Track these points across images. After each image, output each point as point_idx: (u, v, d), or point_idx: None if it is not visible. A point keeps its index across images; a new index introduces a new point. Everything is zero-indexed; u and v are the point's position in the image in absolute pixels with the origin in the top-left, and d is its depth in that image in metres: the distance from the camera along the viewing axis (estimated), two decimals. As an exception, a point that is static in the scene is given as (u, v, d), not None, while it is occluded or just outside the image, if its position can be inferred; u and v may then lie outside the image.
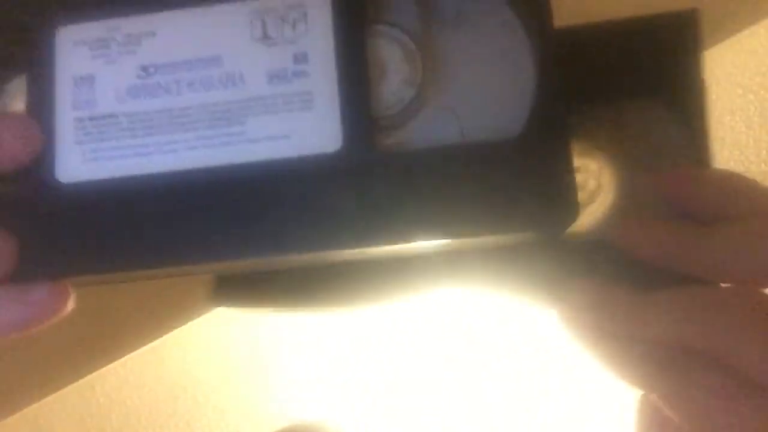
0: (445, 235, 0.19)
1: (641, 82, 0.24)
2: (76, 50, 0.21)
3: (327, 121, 0.20)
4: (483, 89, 0.21)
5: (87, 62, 0.21)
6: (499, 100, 0.21)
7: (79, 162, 0.21)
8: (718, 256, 0.22)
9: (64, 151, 0.21)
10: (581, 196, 0.22)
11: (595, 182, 0.24)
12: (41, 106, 0.21)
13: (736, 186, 0.23)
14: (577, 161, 0.23)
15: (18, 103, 0.22)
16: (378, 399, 0.54)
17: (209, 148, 0.20)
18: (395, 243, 0.19)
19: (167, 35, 0.21)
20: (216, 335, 0.53)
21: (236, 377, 0.55)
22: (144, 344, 0.38)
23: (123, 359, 0.52)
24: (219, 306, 0.30)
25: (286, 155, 0.20)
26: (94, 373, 0.41)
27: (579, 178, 0.23)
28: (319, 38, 0.21)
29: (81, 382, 0.42)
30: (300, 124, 0.20)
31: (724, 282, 0.22)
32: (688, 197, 0.24)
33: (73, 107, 0.21)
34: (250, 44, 0.21)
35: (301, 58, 0.21)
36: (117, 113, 0.21)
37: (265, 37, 0.21)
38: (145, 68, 0.21)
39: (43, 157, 0.21)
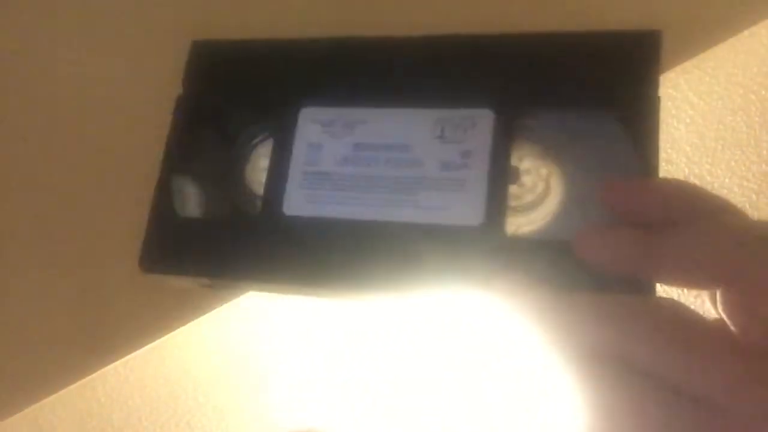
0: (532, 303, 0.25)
1: (598, 94, 0.27)
2: (312, 126, 0.30)
3: (474, 202, 0.27)
4: (587, 202, 0.26)
5: (318, 134, 0.30)
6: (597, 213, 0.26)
7: (301, 202, 0.29)
8: (668, 261, 0.22)
9: (292, 193, 0.29)
10: (529, 197, 0.28)
11: (544, 185, 0.28)
12: (283, 161, 0.30)
13: (679, 192, 0.24)
14: (528, 164, 0.28)
15: (264, 161, 0.31)
16: (378, 399, 0.54)
17: (388, 208, 0.28)
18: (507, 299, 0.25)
19: (375, 124, 0.29)
20: (216, 335, 0.53)
21: (236, 377, 0.55)
22: (144, 344, 0.38)
23: (123, 359, 0.52)
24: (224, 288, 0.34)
25: (440, 222, 0.27)
26: (94, 373, 0.41)
27: (528, 180, 0.28)
28: (480, 142, 0.28)
29: (81, 382, 0.42)
30: (455, 202, 0.27)
31: (678, 286, 0.23)
32: (631, 205, 0.24)
33: (304, 164, 0.30)
34: (431, 140, 0.28)
35: (465, 154, 0.28)
36: (332, 173, 0.29)
37: (442, 136, 0.28)
38: (357, 145, 0.29)
39: (278, 196, 0.30)
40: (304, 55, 0.32)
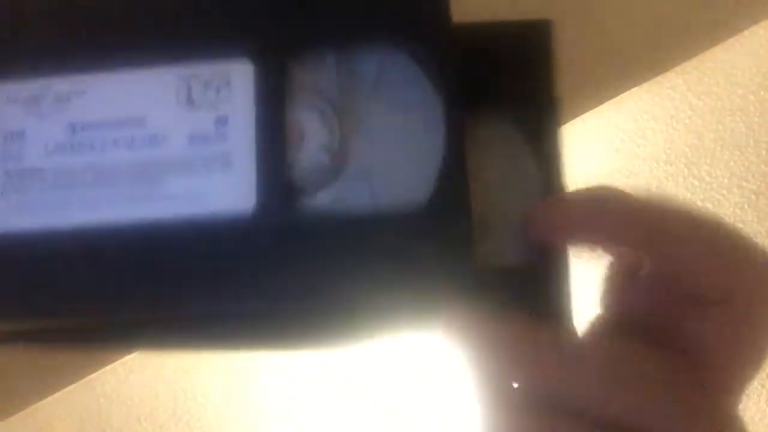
0: (351, 299, 0.21)
1: (486, 93, 0.23)
2: (8, 107, 0.22)
3: (243, 182, 0.21)
4: (397, 158, 0.22)
5: (19, 118, 0.22)
6: (411, 169, 0.22)
7: (6, 213, 0.21)
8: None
9: None
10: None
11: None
12: None
13: (598, 207, 0.22)
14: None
15: None
16: (377, 398, 0.54)
17: (129, 205, 0.21)
18: (301, 306, 0.21)
19: (96, 95, 0.22)
20: (216, 335, 0.53)
21: (236, 377, 0.55)
22: (144, 344, 0.38)
23: (123, 359, 0.52)
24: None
25: (201, 213, 0.21)
26: (94, 373, 0.41)
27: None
28: (240, 103, 0.22)
29: (81, 382, 0.42)
30: (217, 185, 0.21)
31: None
32: (558, 233, 0.22)
33: (4, 160, 0.22)
34: (174, 107, 0.22)
35: (222, 121, 0.22)
36: (43, 168, 0.22)
37: (190, 101, 0.22)
38: (72, 126, 0.22)
39: None
40: None
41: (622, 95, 0.49)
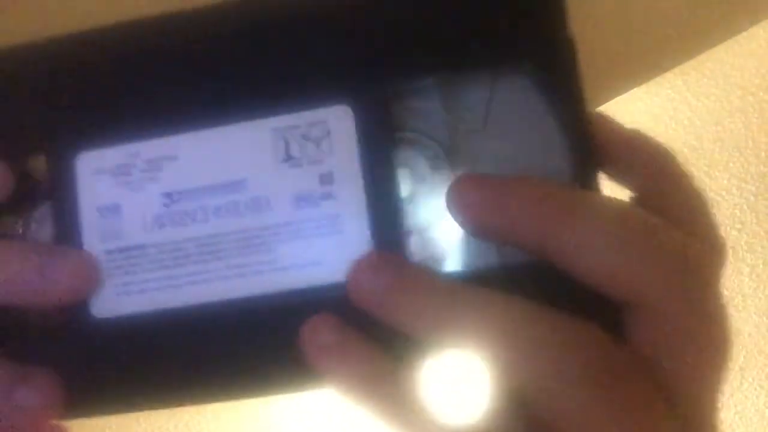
0: None
1: (497, 48, 0.20)
2: (99, 178, 0.21)
3: (357, 245, 0.19)
4: None
5: (110, 190, 0.21)
6: None
7: (112, 295, 0.20)
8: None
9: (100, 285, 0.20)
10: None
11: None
12: (69, 237, 0.20)
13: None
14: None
15: (47, 231, 0.21)
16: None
17: (241, 278, 0.20)
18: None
19: (189, 159, 0.20)
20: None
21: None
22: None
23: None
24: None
25: (318, 283, 0.19)
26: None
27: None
28: (344, 156, 0.20)
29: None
30: (330, 250, 0.19)
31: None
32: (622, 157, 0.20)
33: (101, 239, 0.20)
34: (273, 166, 0.20)
35: (326, 178, 0.20)
36: (145, 244, 0.20)
37: (289, 157, 0.20)
38: (169, 195, 0.20)
39: None
40: (67, 63, 0.21)
41: (622, 95, 0.49)
